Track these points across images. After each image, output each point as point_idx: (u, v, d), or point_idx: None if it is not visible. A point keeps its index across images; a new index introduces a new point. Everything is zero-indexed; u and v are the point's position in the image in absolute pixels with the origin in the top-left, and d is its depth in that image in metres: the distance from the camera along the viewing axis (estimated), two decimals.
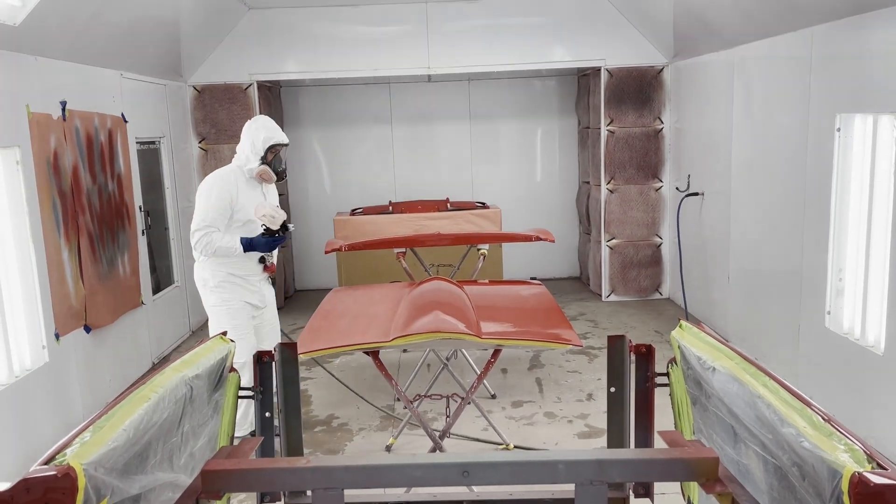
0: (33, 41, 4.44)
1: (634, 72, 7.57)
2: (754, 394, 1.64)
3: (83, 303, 4.97)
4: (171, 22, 6.36)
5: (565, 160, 9.02)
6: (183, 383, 1.85)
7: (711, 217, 6.68)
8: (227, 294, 4.39)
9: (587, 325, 7.14)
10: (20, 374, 4.32)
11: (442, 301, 3.69)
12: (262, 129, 4.33)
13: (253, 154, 4.31)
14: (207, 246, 4.23)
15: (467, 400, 3.62)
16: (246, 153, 4.32)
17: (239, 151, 4.38)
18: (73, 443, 1.37)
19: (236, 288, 4.40)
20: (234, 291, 4.39)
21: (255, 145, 4.30)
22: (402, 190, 8.83)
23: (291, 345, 2.44)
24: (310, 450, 4.62)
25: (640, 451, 1.84)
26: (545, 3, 7.50)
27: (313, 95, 8.82)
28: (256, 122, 4.40)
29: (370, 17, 7.50)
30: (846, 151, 4.48)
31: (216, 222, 4.22)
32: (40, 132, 4.53)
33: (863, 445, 1.32)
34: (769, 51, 5.41)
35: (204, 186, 4.30)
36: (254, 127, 4.35)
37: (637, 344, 2.36)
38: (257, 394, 2.38)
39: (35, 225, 4.44)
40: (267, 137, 4.31)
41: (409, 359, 6.06)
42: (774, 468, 1.62)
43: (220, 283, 4.37)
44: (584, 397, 5.29)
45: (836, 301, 4.63)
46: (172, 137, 6.98)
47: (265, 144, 4.30)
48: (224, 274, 4.37)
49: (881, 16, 4.02)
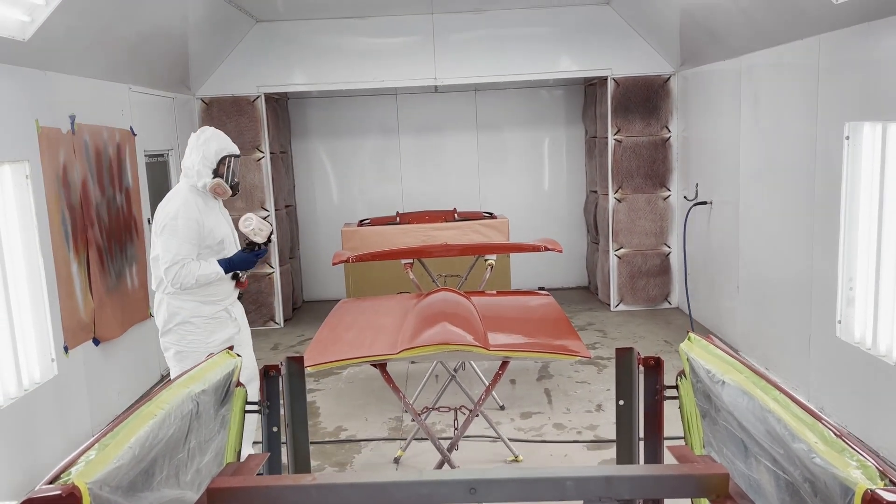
0: (42, 56, 4.47)
1: (641, 81, 7.56)
2: (764, 408, 1.62)
3: (92, 316, 4.98)
4: (179, 36, 6.40)
5: (573, 169, 9.01)
6: (189, 399, 1.85)
7: (720, 226, 6.65)
8: (193, 336, 3.98)
9: (596, 335, 7.11)
10: (29, 387, 4.34)
11: (449, 312, 3.68)
12: (212, 140, 3.98)
13: (204, 168, 3.94)
14: (186, 277, 3.85)
15: (475, 412, 3.61)
16: (196, 168, 3.95)
17: (186, 167, 3.99)
18: (79, 461, 1.37)
19: (208, 326, 4.02)
20: (205, 332, 4.01)
21: (206, 158, 3.94)
22: (409, 200, 8.84)
23: (298, 358, 2.43)
24: (318, 462, 4.60)
25: (649, 468, 1.83)
26: (551, 13, 7.51)
27: (321, 107, 8.85)
28: (205, 132, 4.03)
29: (377, 28, 7.53)
30: (855, 160, 4.45)
31: (190, 253, 3.88)
32: (49, 146, 4.56)
33: (875, 462, 1.30)
34: (776, 59, 5.39)
35: (164, 218, 3.89)
36: (203, 138, 3.99)
37: (645, 357, 2.34)
38: (264, 408, 2.37)
39: (44, 238, 4.46)
40: (219, 148, 3.98)
41: (418, 370, 6.04)
42: (786, 484, 1.60)
43: (184, 322, 3.98)
44: (593, 408, 5.26)
45: (846, 310, 4.59)
46: (181, 150, 7.01)
47: (217, 156, 3.96)
48: (190, 309, 3.97)
49: (889, 23, 4.01)
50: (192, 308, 3.97)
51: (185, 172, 4.02)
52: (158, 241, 3.90)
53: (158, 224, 3.91)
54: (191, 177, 3.98)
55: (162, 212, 3.94)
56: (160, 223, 3.90)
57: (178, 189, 4.03)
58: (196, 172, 3.96)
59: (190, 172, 3.98)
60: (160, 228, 3.89)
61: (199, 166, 3.95)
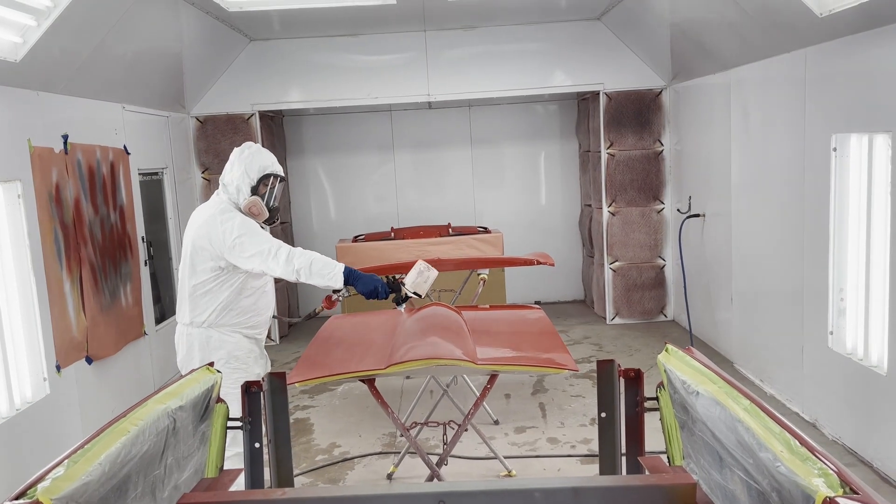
0: (35, 77, 4.51)
1: (633, 95, 7.60)
2: (735, 418, 1.62)
3: (85, 334, 4.99)
4: (173, 55, 6.45)
5: (567, 183, 9.04)
6: (166, 415, 1.85)
7: (713, 238, 6.66)
8: (238, 374, 3.56)
9: (592, 349, 7.11)
10: (21, 406, 4.33)
11: (439, 327, 3.69)
12: (257, 156, 3.68)
13: (244, 184, 3.63)
14: (302, 256, 3.46)
15: (464, 426, 3.60)
16: (236, 183, 3.64)
17: (227, 182, 3.68)
18: (46, 477, 1.37)
19: (249, 358, 3.72)
20: (245, 365, 3.69)
21: (247, 173, 3.63)
22: (405, 215, 8.86)
23: (280, 374, 2.44)
24: (311, 479, 4.59)
25: (618, 478, 1.83)
26: (542, 29, 7.57)
27: (316, 124, 8.90)
28: (250, 147, 3.73)
29: (370, 46, 7.59)
30: (843, 171, 4.47)
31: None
32: (42, 166, 4.59)
33: (837, 469, 1.30)
34: (764, 72, 5.43)
35: (236, 229, 3.52)
36: (247, 153, 3.69)
37: (626, 368, 2.35)
38: (246, 424, 2.38)
39: (36, 257, 4.48)
40: (263, 165, 3.66)
41: (412, 385, 6.04)
42: (758, 493, 1.60)
43: (230, 359, 3.64)
44: (587, 422, 5.25)
45: (838, 321, 4.59)
46: (175, 168, 7.05)
47: (260, 173, 3.65)
48: (234, 343, 3.64)
49: (873, 36, 4.04)
50: (236, 344, 3.68)
51: (224, 188, 3.70)
52: (243, 250, 3.48)
53: (229, 238, 3.50)
54: (231, 193, 3.67)
55: (221, 228, 3.52)
56: (232, 236, 3.49)
57: (223, 206, 3.64)
58: (236, 188, 3.65)
59: (230, 188, 3.67)
60: (233, 241, 3.49)
61: (239, 182, 3.64)
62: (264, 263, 3.49)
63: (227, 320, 3.67)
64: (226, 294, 3.63)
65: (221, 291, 3.63)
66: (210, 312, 3.64)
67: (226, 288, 3.63)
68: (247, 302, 3.71)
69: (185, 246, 3.71)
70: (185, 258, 3.67)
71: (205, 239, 3.57)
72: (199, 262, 3.60)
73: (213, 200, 3.75)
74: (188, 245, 3.66)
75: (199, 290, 3.62)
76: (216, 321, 3.65)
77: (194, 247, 3.60)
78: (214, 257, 3.56)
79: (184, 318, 3.72)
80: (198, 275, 3.61)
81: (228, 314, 3.66)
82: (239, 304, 3.68)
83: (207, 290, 3.62)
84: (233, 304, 3.66)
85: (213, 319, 3.65)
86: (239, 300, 3.67)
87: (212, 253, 3.56)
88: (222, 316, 3.65)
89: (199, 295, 3.63)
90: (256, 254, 3.49)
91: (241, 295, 3.68)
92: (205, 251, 3.57)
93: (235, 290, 3.65)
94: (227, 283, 3.63)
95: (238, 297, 3.67)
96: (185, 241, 3.73)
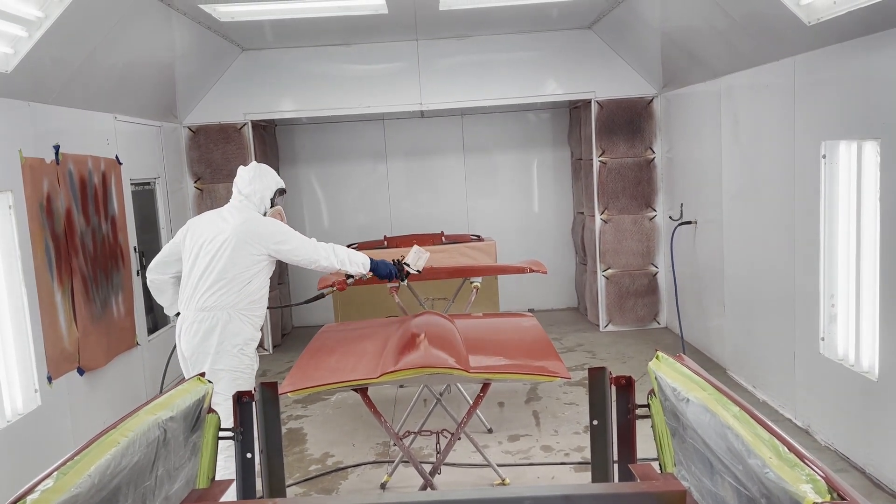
0: (26, 87, 4.51)
1: (624, 103, 7.64)
2: (724, 424, 1.63)
3: (76, 345, 4.97)
4: (165, 65, 6.46)
5: (560, 191, 9.06)
6: (156, 426, 1.85)
7: (705, 245, 6.69)
8: (250, 360, 4.10)
9: (585, 356, 7.11)
10: (12, 418, 4.31)
11: (431, 335, 3.69)
12: (270, 173, 4.30)
13: (266, 197, 4.22)
14: (338, 247, 4.16)
15: (457, 435, 3.60)
16: (260, 194, 4.18)
17: (248, 193, 4.18)
18: (36, 489, 1.37)
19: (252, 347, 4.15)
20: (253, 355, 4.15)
21: (269, 187, 4.23)
22: (398, 224, 8.87)
23: (272, 384, 2.44)
24: (304, 489, 4.58)
25: (608, 486, 1.83)
26: (534, 38, 7.60)
27: (308, 133, 8.91)
28: (260, 167, 4.32)
29: (362, 55, 7.61)
30: (832, 178, 4.50)
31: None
32: (33, 176, 4.58)
33: (825, 475, 1.31)
34: (754, 80, 5.46)
35: (276, 229, 4.11)
36: (263, 170, 4.28)
37: (617, 376, 2.35)
38: (238, 434, 2.37)
39: (27, 268, 4.46)
40: (277, 180, 4.30)
41: (405, 394, 6.03)
42: (748, 499, 1.60)
43: (245, 345, 4.07)
44: (581, 430, 5.25)
45: (829, 327, 4.61)
46: (167, 178, 7.04)
47: (277, 186, 4.27)
48: (249, 333, 4.09)
49: (859, 44, 4.08)
50: (251, 333, 4.07)
51: (247, 198, 4.17)
52: (290, 244, 4.05)
53: (278, 235, 4.05)
54: (256, 203, 4.18)
55: (271, 228, 4.07)
56: (279, 234, 4.05)
57: (254, 213, 4.16)
58: (260, 199, 4.18)
59: (254, 198, 4.17)
60: (282, 237, 4.05)
61: (263, 193, 4.19)
62: (313, 254, 4.06)
63: (249, 309, 4.04)
64: (259, 282, 4.06)
65: (258, 280, 4.05)
66: (246, 296, 4.02)
67: (261, 277, 4.07)
68: (263, 292, 4.13)
69: (212, 242, 4.01)
70: (219, 251, 3.98)
71: (252, 235, 4.01)
72: (243, 255, 3.99)
73: (237, 205, 4.17)
74: (225, 241, 3.99)
75: (242, 277, 4.00)
76: (246, 306, 4.02)
77: (238, 241, 3.99)
78: (259, 252, 4.02)
79: (206, 304, 3.99)
80: (239, 265, 3.99)
81: (252, 304, 4.05)
82: (262, 294, 4.11)
83: (249, 278, 4.01)
84: (259, 293, 4.08)
85: (244, 304, 4.01)
86: (262, 290, 4.11)
87: (258, 248, 4.01)
88: (254, 303, 4.05)
89: (240, 281, 4.00)
90: (300, 247, 4.06)
91: (265, 286, 4.14)
92: (249, 245, 4.00)
93: (265, 282, 4.12)
94: (263, 273, 4.08)
95: (264, 288, 4.12)
96: (209, 237, 4.03)
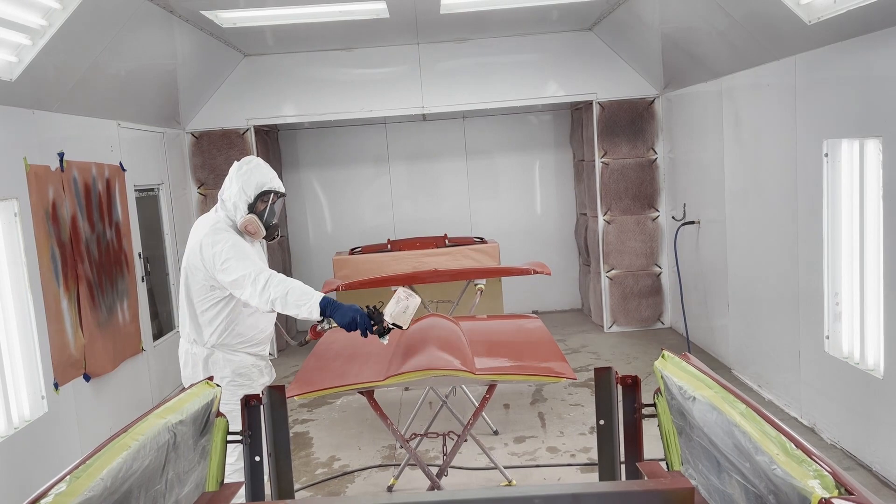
0: (30, 95, 4.53)
1: (626, 104, 7.65)
2: (731, 422, 1.64)
3: (82, 351, 4.99)
4: (168, 72, 6.48)
5: (563, 193, 9.07)
6: (166, 430, 1.86)
7: (708, 245, 6.69)
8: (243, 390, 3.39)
9: (590, 357, 7.11)
10: (19, 425, 4.33)
11: (437, 338, 3.70)
12: (255, 172, 3.52)
13: (241, 201, 3.49)
14: (280, 284, 3.24)
15: (463, 437, 3.61)
16: (233, 200, 3.50)
17: (225, 199, 3.54)
18: (49, 493, 1.38)
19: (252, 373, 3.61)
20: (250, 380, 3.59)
21: (245, 190, 3.49)
22: (401, 227, 8.88)
23: (279, 388, 2.45)
24: (311, 493, 4.59)
25: (616, 484, 1.84)
26: (534, 40, 7.62)
27: (311, 138, 8.93)
28: (249, 163, 3.56)
29: (364, 60, 7.63)
30: (835, 176, 4.50)
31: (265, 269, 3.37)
32: (38, 184, 4.60)
33: (832, 471, 1.32)
34: (755, 80, 5.47)
35: (224, 242, 3.39)
36: (245, 168, 3.53)
37: (623, 375, 2.36)
38: (246, 438, 2.38)
39: (34, 275, 4.48)
40: (260, 182, 3.50)
41: (411, 397, 6.04)
42: (755, 496, 1.61)
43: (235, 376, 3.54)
44: (586, 430, 5.25)
45: (834, 325, 4.61)
46: (171, 184, 7.06)
47: (257, 190, 3.50)
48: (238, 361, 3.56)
49: (860, 43, 4.08)
50: (240, 360, 3.58)
51: (222, 204, 3.56)
52: (228, 273, 3.34)
53: (218, 260, 3.36)
54: (229, 210, 3.53)
55: (212, 250, 3.39)
56: (221, 259, 3.35)
57: (214, 218, 3.55)
58: (233, 205, 3.51)
59: (228, 204, 3.53)
60: (222, 264, 3.35)
61: (237, 199, 3.49)
62: (242, 290, 3.31)
63: (230, 340, 3.55)
64: (226, 314, 3.51)
65: (222, 311, 3.50)
66: (212, 333, 3.52)
67: (225, 308, 3.50)
68: (249, 321, 3.58)
69: (184, 260, 3.60)
70: (182, 275, 3.57)
71: (198, 259, 3.45)
72: (194, 282, 3.50)
73: (210, 216, 3.61)
74: (186, 263, 3.55)
75: (199, 308, 3.51)
76: (219, 342, 3.53)
77: (188, 267, 3.50)
78: (208, 278, 3.44)
79: (188, 336, 3.61)
80: (195, 294, 3.50)
81: (230, 335, 3.54)
82: (241, 324, 3.55)
83: (206, 310, 3.50)
84: (235, 324, 3.54)
85: (215, 340, 3.53)
86: (240, 320, 3.55)
87: (205, 274, 3.44)
88: (225, 336, 3.53)
89: (199, 314, 3.52)
90: (238, 279, 3.31)
91: (243, 314, 3.55)
92: (199, 272, 3.46)
93: (236, 310, 3.52)
94: (226, 303, 3.50)
95: (238, 317, 3.54)
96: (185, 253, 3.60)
